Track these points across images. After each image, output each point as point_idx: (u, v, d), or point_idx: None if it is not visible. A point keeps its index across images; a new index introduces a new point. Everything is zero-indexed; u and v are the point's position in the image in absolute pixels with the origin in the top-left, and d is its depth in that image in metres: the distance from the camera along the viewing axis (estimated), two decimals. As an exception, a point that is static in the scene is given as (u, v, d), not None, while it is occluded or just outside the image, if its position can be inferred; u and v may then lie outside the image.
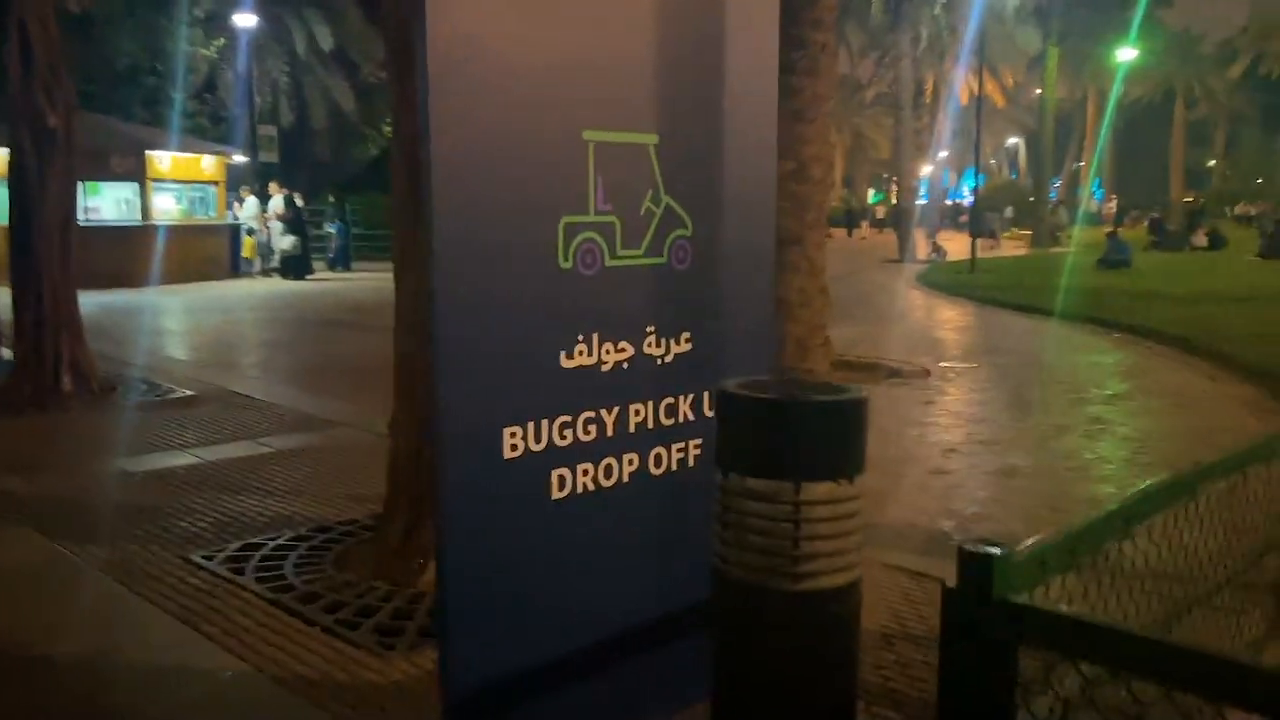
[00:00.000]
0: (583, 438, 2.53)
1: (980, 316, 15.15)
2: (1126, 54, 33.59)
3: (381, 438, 6.79)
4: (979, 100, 26.08)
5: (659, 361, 2.69)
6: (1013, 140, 61.57)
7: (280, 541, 4.97)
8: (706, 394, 2.81)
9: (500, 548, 2.41)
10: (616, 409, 2.60)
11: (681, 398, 2.76)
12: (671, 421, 2.74)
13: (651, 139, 2.61)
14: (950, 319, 14.86)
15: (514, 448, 2.39)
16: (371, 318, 15.55)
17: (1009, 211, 42.29)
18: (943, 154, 45.84)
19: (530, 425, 2.42)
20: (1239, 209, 41.74)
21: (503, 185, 2.33)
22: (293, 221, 21.55)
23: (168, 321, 14.92)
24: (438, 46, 2.20)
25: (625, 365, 2.61)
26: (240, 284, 20.89)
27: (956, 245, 30.06)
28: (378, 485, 5.46)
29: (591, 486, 2.56)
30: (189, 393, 8.70)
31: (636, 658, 2.72)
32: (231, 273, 21.92)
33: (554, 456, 2.48)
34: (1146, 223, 34.60)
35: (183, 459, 6.51)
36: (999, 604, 1.70)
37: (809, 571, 1.63)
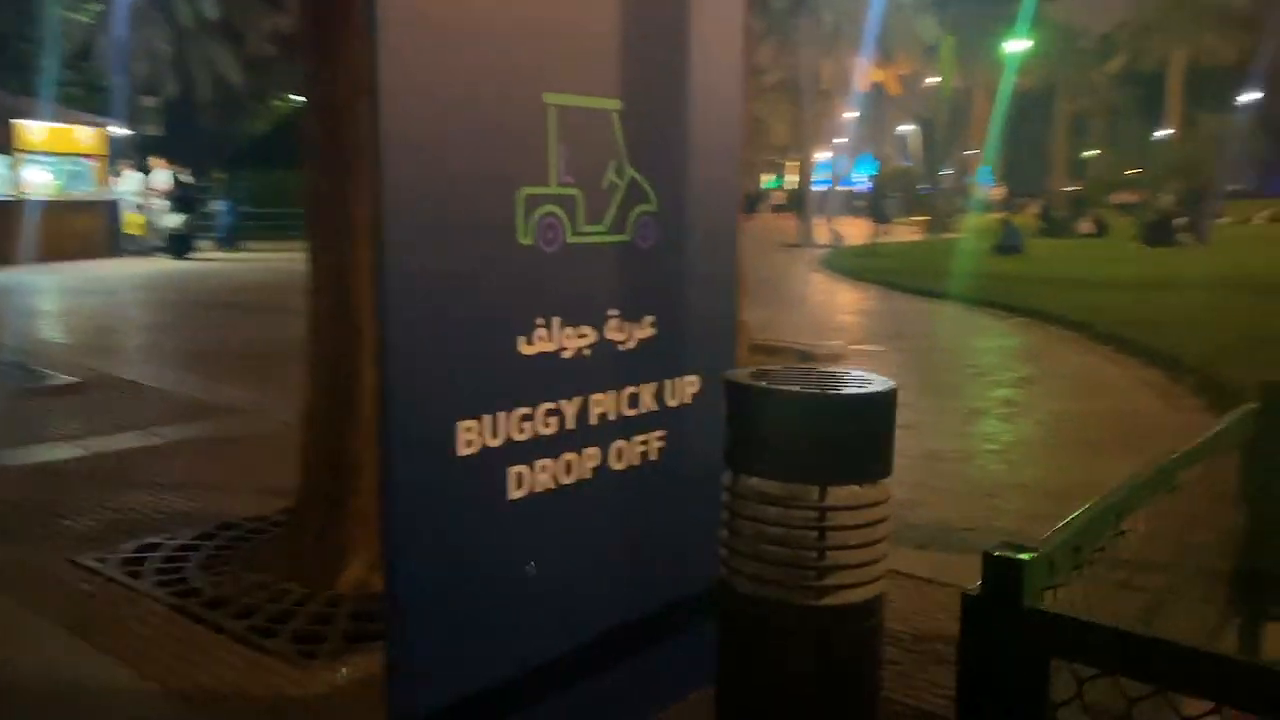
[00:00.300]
0: (542, 431, 2.31)
1: (885, 301, 15.33)
2: (1016, 46, 34.52)
3: (286, 426, 6.43)
4: (880, 88, 26.43)
5: (621, 347, 2.49)
6: (906, 128, 62.95)
7: (181, 541, 4.60)
8: (670, 382, 2.62)
9: (454, 553, 2.17)
10: (577, 399, 2.39)
11: (644, 386, 2.56)
12: (634, 412, 2.54)
13: (614, 104, 2.40)
14: (856, 303, 15.00)
15: (468, 443, 2.16)
16: (266, 299, 14.88)
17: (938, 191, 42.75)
18: (839, 140, 46.51)
19: (486, 419, 2.19)
20: (1117, 197, 43.38)
21: (459, 152, 2.09)
22: (180, 199, 20.51)
23: (43, 302, 14.02)
24: (389, 2, 1.94)
25: (586, 352, 2.40)
26: (121, 263, 19.82)
27: (854, 230, 30.52)
28: (285, 477, 5.11)
29: (551, 484, 2.34)
30: (71, 379, 8.11)
31: (603, 663, 2.52)
32: (112, 251, 20.76)
33: (511, 452, 2.25)
34: (1037, 210, 35.71)
35: (67, 451, 6.02)
36: (1031, 614, 1.55)
37: (833, 585, 1.46)
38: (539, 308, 2.28)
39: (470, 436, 2.16)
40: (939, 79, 40.27)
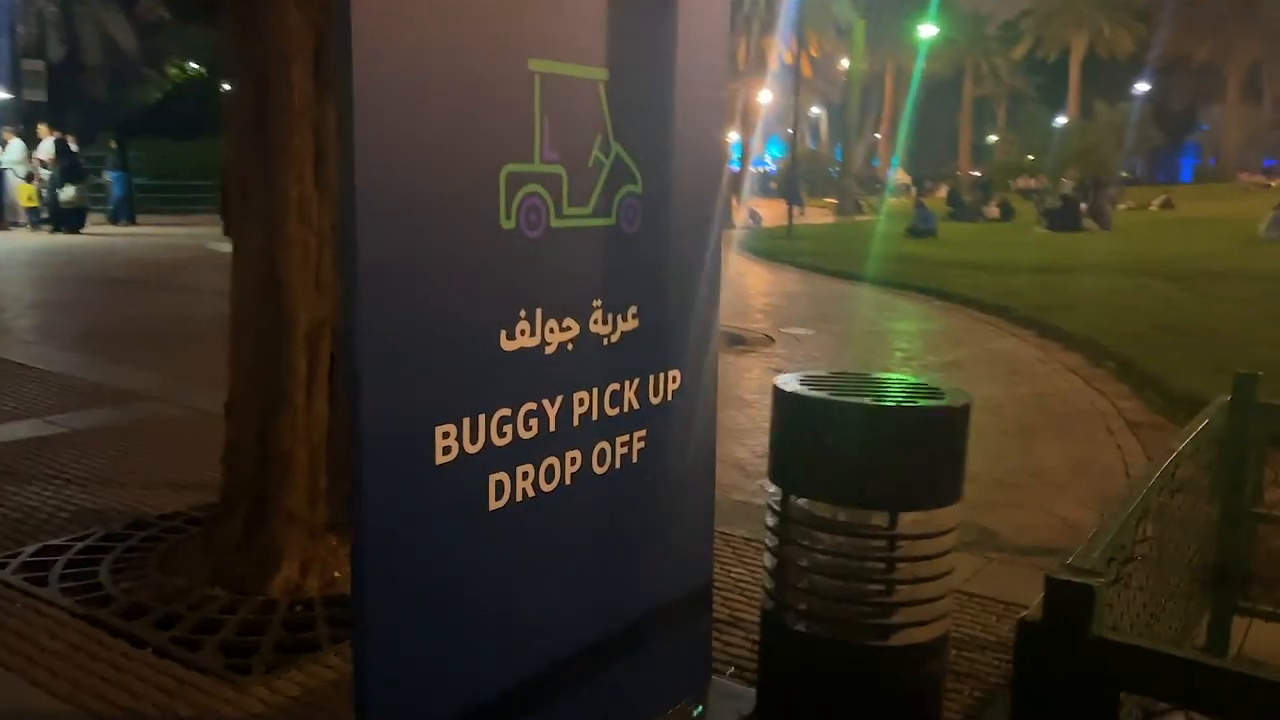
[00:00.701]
0: (523, 435, 2.10)
1: (807, 283, 15.36)
2: (928, 30, 35.05)
3: (196, 412, 6.04)
4: (796, 69, 26.51)
5: (606, 341, 2.28)
6: (815, 111, 63.53)
7: (90, 542, 4.24)
8: (652, 377, 2.43)
9: (430, 570, 1.95)
10: (560, 399, 2.18)
11: (627, 383, 2.36)
12: (616, 411, 2.34)
13: (601, 75, 2.18)
14: (779, 285, 14.98)
15: (447, 450, 1.94)
16: (168, 276, 14.19)
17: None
18: (751, 122, 46.65)
19: (466, 422, 1.97)
20: (1020, 183, 44.58)
21: (438, 124, 1.85)
22: (69, 169, 19.40)
23: (-81, 279, 13.09)
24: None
25: (570, 347, 2.19)
26: (9, 236, 18.69)
27: (768, 212, 30.63)
28: (200, 469, 4.79)
29: (531, 492, 2.13)
30: (-46, 362, 7.52)
31: (590, 676, 2.33)
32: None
33: (492, 458, 2.03)
34: (944, 194, 36.41)
35: (-46, 442, 5.54)
36: (1101, 644, 1.41)
37: (902, 623, 1.29)
38: (521, 299, 2.06)
39: (449, 443, 1.93)
40: (848, 63, 40.67)
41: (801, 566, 1.34)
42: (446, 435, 1.93)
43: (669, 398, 2.48)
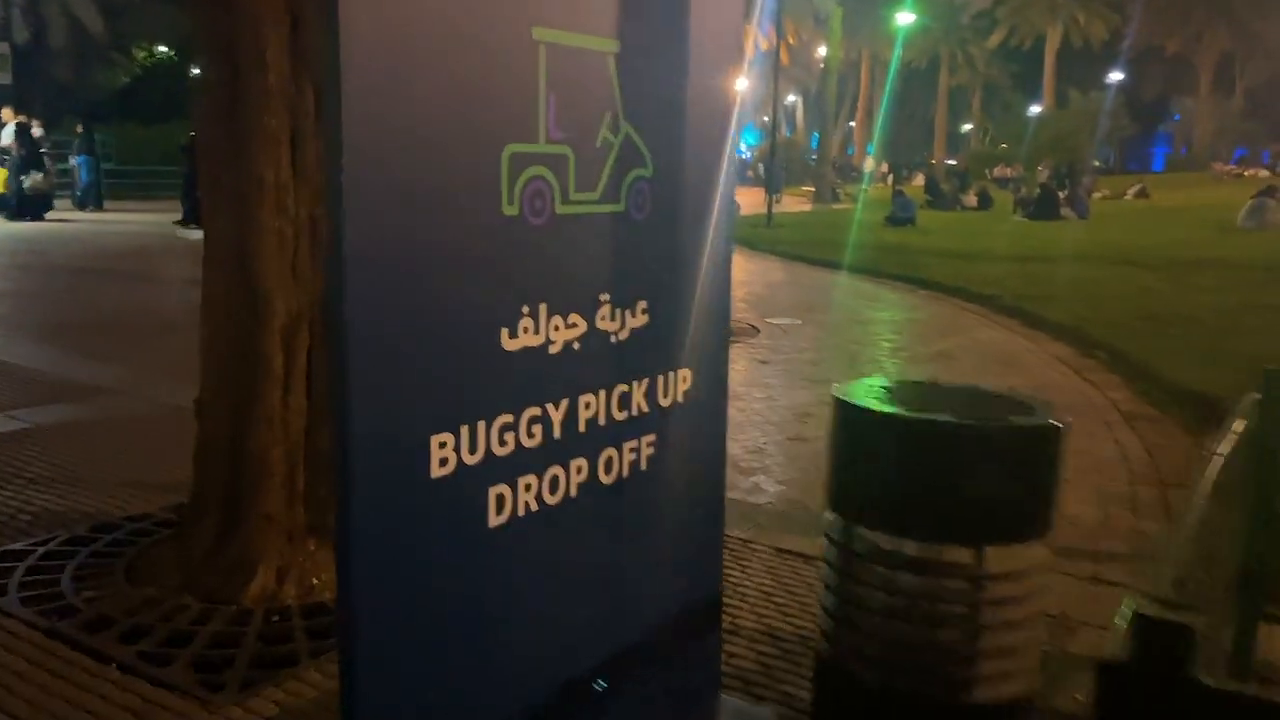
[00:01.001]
0: (526, 443, 1.91)
1: (790, 272, 15.21)
2: (906, 18, 34.92)
3: (164, 408, 5.80)
4: (775, 56, 26.33)
5: (613, 339, 2.10)
6: (791, 98, 63.40)
7: (52, 547, 4.01)
8: (662, 378, 2.24)
9: (425, 593, 1.76)
10: (565, 402, 1.99)
11: (636, 384, 2.17)
12: (624, 415, 2.15)
13: (611, 46, 1.99)
14: (762, 274, 14.80)
15: (443, 462, 1.74)
16: (135, 265, 13.83)
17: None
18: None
19: (464, 430, 1.77)
20: (996, 172, 44.65)
21: (433, 98, 1.65)
22: (29, 156, 18.91)
23: (-123, 267, 12.69)
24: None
25: (576, 346, 2.00)
26: (-30, 223, 18.24)
27: (745, 200, 30.46)
28: (171, 468, 4.56)
29: (534, 505, 1.94)
30: (-90, 355, 7.22)
31: (597, 697, 2.15)
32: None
33: (492, 470, 1.84)
34: (921, 182, 36.34)
35: (-92, 440, 5.28)
36: (1200, 689, 1.24)
37: (988, 674, 1.11)
38: (524, 293, 1.87)
39: (446, 454, 1.74)
40: (826, 50, 40.50)
41: (869, 609, 1.16)
42: (443, 445, 1.73)
43: (679, 399, 2.30)
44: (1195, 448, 5.26)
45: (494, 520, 1.86)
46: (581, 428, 2.04)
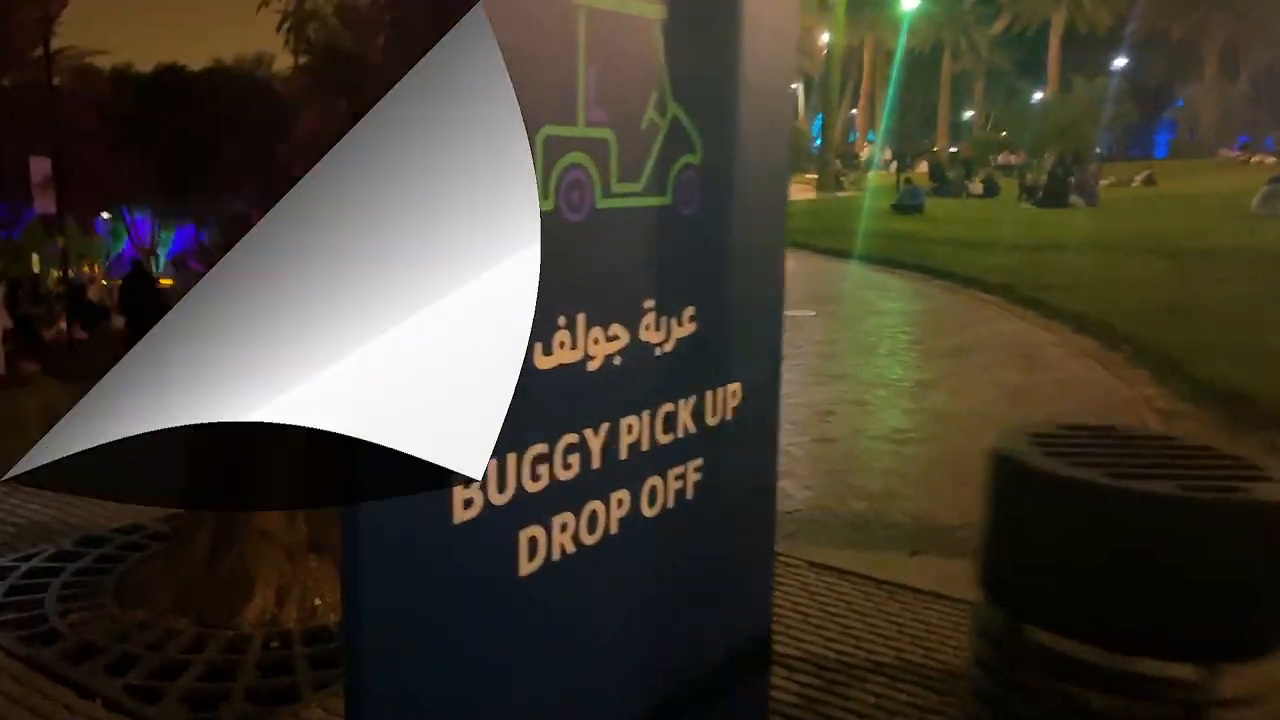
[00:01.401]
0: (561, 476, 1.64)
1: (799, 262, 14.91)
2: (910, 3, 34.46)
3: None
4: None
5: (657, 351, 1.83)
6: (794, 85, 62.83)
7: (36, 563, 3.76)
8: (710, 394, 1.98)
9: (447, 657, 1.50)
10: (605, 427, 1.72)
11: (682, 402, 1.90)
12: (670, 438, 1.88)
13: (658, 12, 1.71)
14: (767, 263, 14.55)
15: (468, 504, 1.48)
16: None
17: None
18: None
19: (492, 465, 1.51)
20: (1000, 159, 44.19)
21: (457, 69, 1.37)
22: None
23: None
24: None
25: (617, 360, 1.73)
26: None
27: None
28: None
29: (571, 547, 1.68)
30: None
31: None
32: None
33: (523, 510, 1.57)
34: (925, 169, 35.99)
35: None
36: None
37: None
38: (560, 301, 1.60)
39: (470, 494, 1.47)
40: (828, 37, 40.09)
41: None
42: (468, 484, 1.46)
43: (728, 416, 2.03)
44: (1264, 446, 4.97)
45: (525, 567, 1.59)
46: (623, 455, 1.77)
